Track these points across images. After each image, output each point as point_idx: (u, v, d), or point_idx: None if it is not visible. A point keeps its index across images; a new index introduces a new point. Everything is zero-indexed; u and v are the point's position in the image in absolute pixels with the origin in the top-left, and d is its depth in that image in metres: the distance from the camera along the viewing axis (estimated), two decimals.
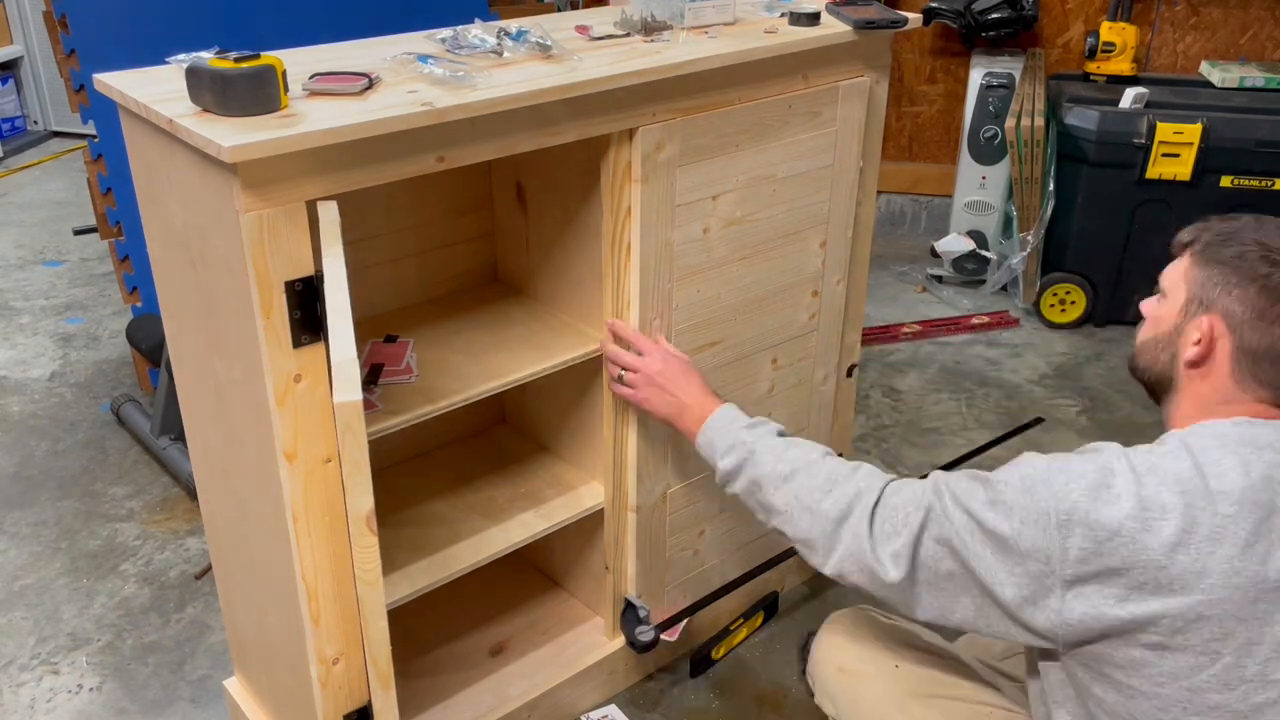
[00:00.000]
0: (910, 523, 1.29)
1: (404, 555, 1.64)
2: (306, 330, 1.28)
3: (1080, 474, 1.18)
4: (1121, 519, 1.14)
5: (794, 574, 2.19)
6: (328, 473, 1.36)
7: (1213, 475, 1.14)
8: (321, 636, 1.43)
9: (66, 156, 4.98)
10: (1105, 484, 1.16)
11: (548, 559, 2.05)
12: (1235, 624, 1.12)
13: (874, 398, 2.96)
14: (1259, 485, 1.14)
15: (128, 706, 1.94)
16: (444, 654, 1.89)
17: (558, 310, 1.80)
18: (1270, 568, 1.12)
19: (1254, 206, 3.07)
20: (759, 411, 1.91)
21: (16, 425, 2.82)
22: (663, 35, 1.62)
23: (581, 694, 1.89)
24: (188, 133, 1.19)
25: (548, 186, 1.73)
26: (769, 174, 1.72)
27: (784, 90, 1.69)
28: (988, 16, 3.61)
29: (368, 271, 1.75)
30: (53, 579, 2.26)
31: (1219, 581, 1.12)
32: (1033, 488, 1.19)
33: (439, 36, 1.54)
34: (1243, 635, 1.12)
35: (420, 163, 1.33)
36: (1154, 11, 3.65)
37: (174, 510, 2.47)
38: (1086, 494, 1.16)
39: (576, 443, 1.87)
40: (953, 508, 1.26)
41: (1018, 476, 1.22)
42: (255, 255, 1.21)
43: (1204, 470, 1.15)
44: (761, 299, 1.82)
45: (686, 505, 1.88)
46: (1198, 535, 1.12)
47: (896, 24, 1.73)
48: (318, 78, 1.31)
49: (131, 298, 2.82)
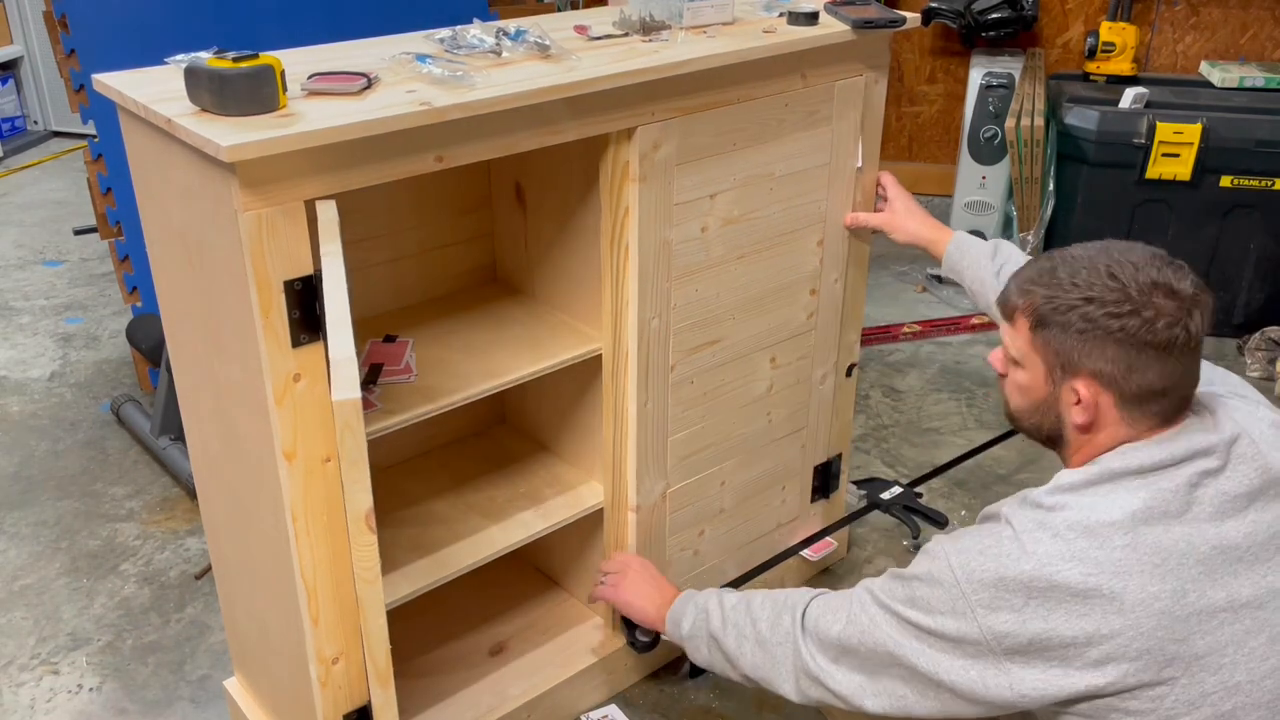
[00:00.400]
0: (838, 629, 1.32)
1: (403, 555, 1.64)
2: (305, 330, 1.28)
3: (979, 550, 1.20)
4: (1027, 582, 1.15)
5: (795, 575, 2.19)
6: (327, 472, 1.36)
7: (1101, 511, 1.16)
8: (321, 636, 1.43)
9: (66, 156, 4.98)
10: (1004, 552, 1.18)
11: (547, 559, 2.05)
12: (1175, 646, 1.13)
13: (874, 398, 2.96)
14: (1143, 513, 1.15)
15: (128, 706, 1.94)
16: (443, 654, 1.89)
17: (557, 310, 1.80)
18: (1183, 583, 1.13)
19: (1254, 206, 3.07)
20: (759, 411, 1.92)
21: (16, 425, 2.82)
22: (661, 35, 1.62)
23: (581, 694, 1.89)
24: (186, 132, 1.19)
25: (546, 186, 1.74)
26: (766, 173, 1.72)
27: (783, 90, 1.69)
28: (988, 16, 3.61)
29: (367, 271, 1.75)
30: (53, 579, 2.26)
31: (1141, 613, 1.12)
32: (939, 577, 1.21)
33: (438, 36, 1.54)
34: (1185, 654, 1.13)
35: (419, 162, 1.33)
36: (1154, 11, 3.65)
37: (174, 510, 2.47)
38: (990, 570, 1.17)
39: (576, 442, 1.87)
40: (878, 612, 1.28)
41: (924, 570, 1.24)
42: (254, 255, 1.21)
43: (1093, 509, 1.16)
44: (759, 298, 1.82)
45: (686, 505, 1.88)
46: (1103, 574, 1.13)
47: (895, 23, 1.73)
48: (316, 77, 1.31)
49: (131, 298, 2.82)
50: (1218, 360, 3.17)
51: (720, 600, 1.55)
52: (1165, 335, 1.16)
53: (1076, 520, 1.16)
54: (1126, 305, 1.17)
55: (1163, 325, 1.16)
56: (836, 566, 2.27)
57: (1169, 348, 1.16)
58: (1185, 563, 1.14)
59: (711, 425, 1.85)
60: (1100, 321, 1.18)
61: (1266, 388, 2.97)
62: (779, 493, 2.05)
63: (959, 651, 1.20)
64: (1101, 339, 1.18)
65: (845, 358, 2.05)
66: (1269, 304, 3.21)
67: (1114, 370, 1.19)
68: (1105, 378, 1.20)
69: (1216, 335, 3.26)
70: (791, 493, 2.08)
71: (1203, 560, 1.14)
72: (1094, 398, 1.21)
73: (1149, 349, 1.16)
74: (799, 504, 2.11)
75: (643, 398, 1.71)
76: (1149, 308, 1.16)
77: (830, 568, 2.26)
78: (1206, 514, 1.16)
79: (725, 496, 1.94)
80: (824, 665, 1.34)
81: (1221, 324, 3.25)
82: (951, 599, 1.19)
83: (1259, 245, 3.13)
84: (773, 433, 1.97)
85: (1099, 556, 1.13)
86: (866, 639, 1.28)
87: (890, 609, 1.26)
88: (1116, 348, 1.18)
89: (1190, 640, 1.12)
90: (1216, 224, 3.12)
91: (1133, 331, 1.16)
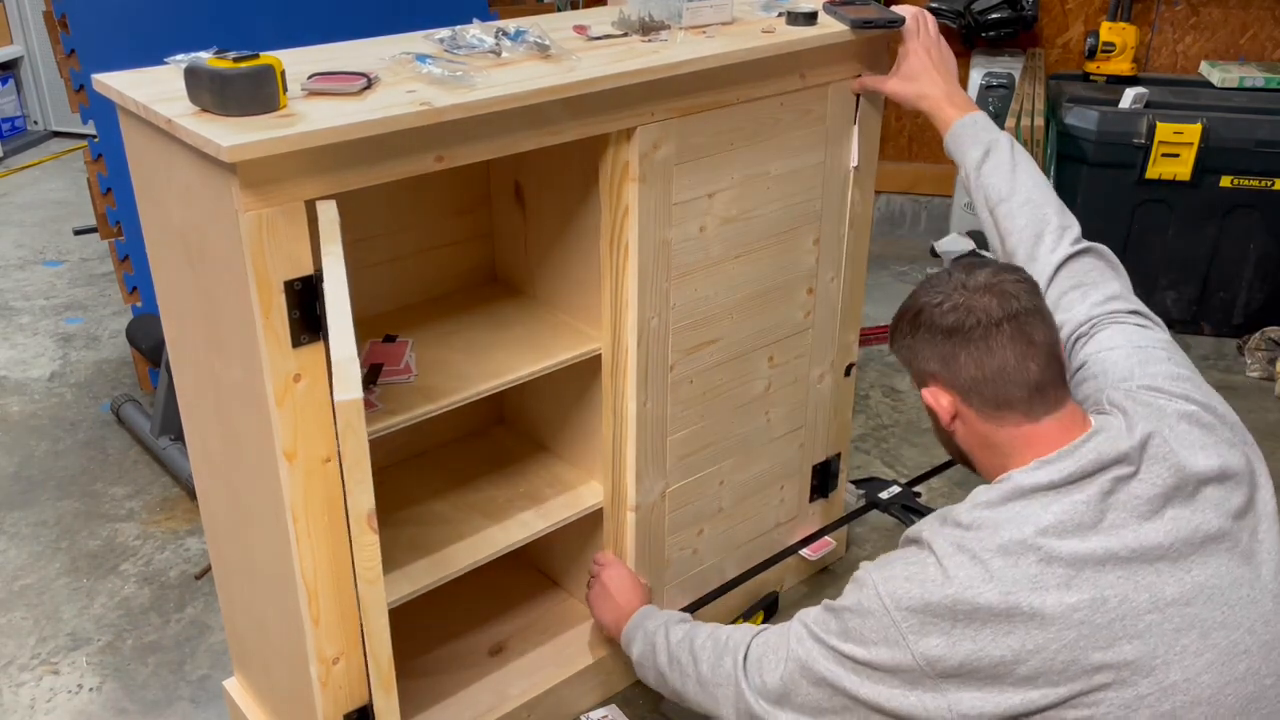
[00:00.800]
0: (779, 669, 1.33)
1: (403, 554, 1.64)
2: (306, 330, 1.28)
3: (905, 577, 1.21)
4: (951, 606, 1.16)
5: (793, 574, 2.19)
6: (327, 472, 1.36)
7: (1014, 528, 1.17)
8: (321, 636, 1.43)
9: (66, 156, 4.98)
10: (928, 578, 1.19)
11: (547, 559, 2.06)
12: (1101, 653, 1.13)
13: (874, 398, 2.96)
14: (1055, 528, 1.16)
15: (128, 706, 1.94)
16: (443, 654, 1.89)
17: (556, 309, 1.80)
18: (1101, 590, 1.14)
19: (1253, 206, 3.08)
20: (758, 410, 1.92)
21: (16, 425, 2.82)
22: (660, 35, 1.62)
23: (581, 694, 1.89)
24: (187, 132, 1.19)
25: (546, 186, 1.74)
26: (763, 172, 1.73)
27: (781, 90, 1.69)
28: (988, 16, 3.61)
29: (366, 271, 1.75)
30: (53, 579, 2.26)
31: (1061, 625, 1.13)
32: (869, 606, 1.23)
33: (437, 36, 1.55)
34: (1114, 659, 1.13)
35: (419, 162, 1.33)
36: (1154, 11, 3.65)
37: (174, 510, 2.47)
38: (915, 596, 1.19)
39: (575, 442, 1.87)
40: (814, 646, 1.29)
41: (855, 600, 1.26)
42: (254, 255, 1.21)
43: (1007, 527, 1.17)
44: (757, 296, 1.82)
45: (686, 504, 1.88)
46: (1020, 592, 1.14)
47: (894, 23, 1.73)
48: (316, 78, 1.31)
49: (131, 298, 2.82)
50: (1217, 360, 3.20)
51: (667, 634, 1.59)
52: (952, 320, 1.24)
53: (992, 540, 1.17)
54: (932, 299, 1.26)
55: (948, 309, 1.24)
56: (835, 566, 2.27)
57: (959, 331, 1.23)
58: (1102, 570, 1.14)
59: (710, 424, 1.85)
60: (911, 322, 1.29)
61: (1267, 388, 2.98)
62: (778, 492, 2.05)
63: (896, 679, 1.21)
64: (917, 340, 1.28)
65: (844, 357, 2.05)
66: (1269, 304, 3.21)
67: (938, 367, 1.26)
68: (940, 377, 1.27)
69: (1216, 335, 3.26)
70: (790, 492, 2.08)
71: (1122, 564, 1.15)
72: (940, 399, 1.28)
73: (947, 338, 1.24)
74: (797, 503, 2.11)
75: (642, 397, 1.71)
76: (943, 298, 1.25)
77: (829, 566, 2.27)
78: (1123, 519, 1.16)
79: (724, 496, 1.94)
80: (768, 708, 1.35)
81: (1221, 324, 3.26)
82: (883, 628, 1.21)
83: (1259, 245, 3.13)
84: (771, 432, 1.97)
85: (1015, 575, 1.15)
86: (806, 674, 1.30)
87: (826, 644, 1.28)
88: (926, 345, 1.27)
89: (1117, 645, 1.13)
90: (1216, 224, 3.12)
91: (933, 322, 1.25)
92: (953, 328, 1.24)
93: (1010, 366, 1.22)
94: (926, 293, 1.29)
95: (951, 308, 1.24)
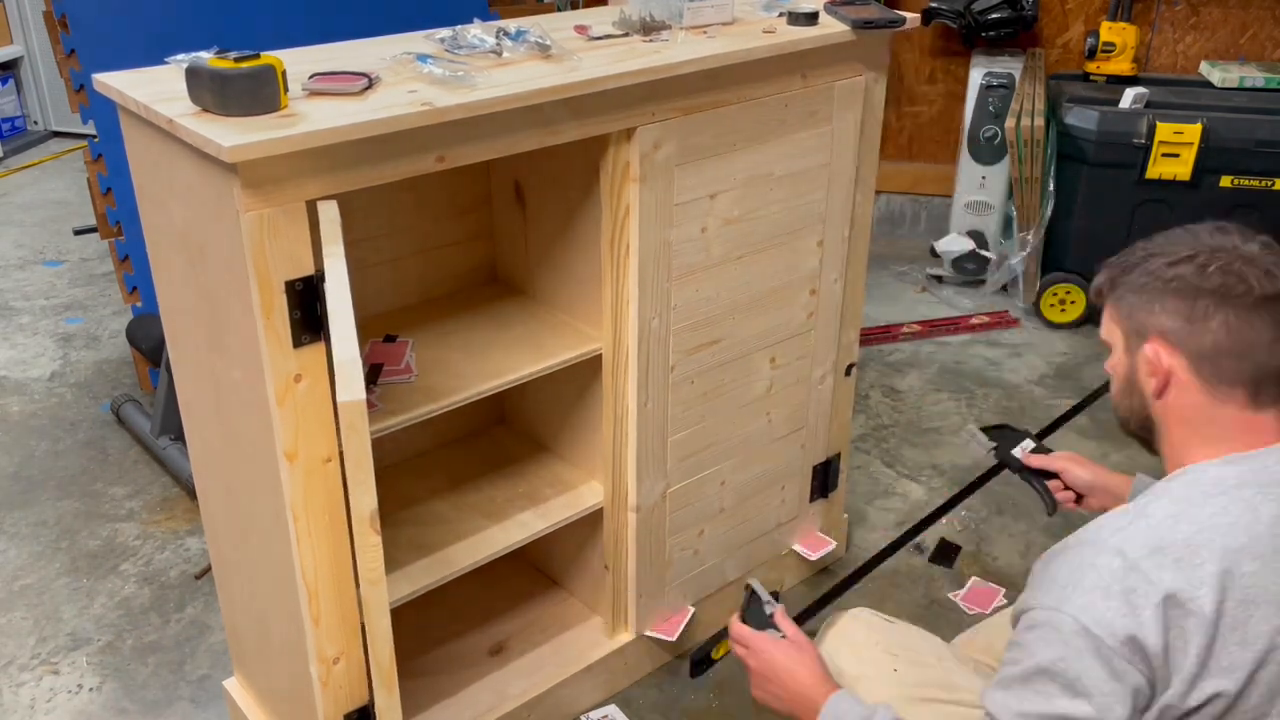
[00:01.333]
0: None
1: (404, 555, 1.64)
2: (307, 330, 1.28)
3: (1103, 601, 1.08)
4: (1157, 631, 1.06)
5: (794, 574, 2.19)
6: (328, 472, 1.36)
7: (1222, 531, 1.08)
8: (322, 636, 1.43)
9: (66, 156, 4.98)
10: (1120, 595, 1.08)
11: (547, 558, 2.06)
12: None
13: (874, 398, 2.96)
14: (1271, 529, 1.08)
15: (128, 706, 1.94)
16: (443, 653, 1.89)
17: (557, 310, 1.80)
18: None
19: (1254, 206, 3.07)
20: (759, 410, 1.92)
21: (16, 425, 2.82)
22: (661, 35, 1.62)
23: (581, 693, 1.89)
24: (188, 132, 1.19)
25: (547, 186, 1.74)
26: (766, 173, 1.73)
27: (782, 90, 1.69)
28: (988, 16, 3.60)
29: (367, 271, 1.75)
30: (53, 579, 2.26)
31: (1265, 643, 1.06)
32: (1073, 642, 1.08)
33: (438, 36, 1.55)
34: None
35: (420, 162, 1.33)
36: (1154, 11, 3.65)
37: (174, 510, 2.47)
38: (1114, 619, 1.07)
39: (576, 442, 1.87)
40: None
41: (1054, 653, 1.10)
42: (255, 255, 1.21)
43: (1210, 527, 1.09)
44: (759, 298, 1.82)
45: (686, 505, 1.88)
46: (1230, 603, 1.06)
47: (895, 24, 1.73)
48: (317, 78, 1.31)
49: (131, 298, 2.82)
50: None
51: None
52: (1218, 281, 1.12)
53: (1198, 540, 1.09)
54: (1184, 252, 1.15)
55: (1215, 270, 1.13)
56: (835, 566, 2.27)
57: (1225, 295, 1.12)
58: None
59: (711, 425, 1.85)
60: (1158, 272, 1.16)
61: None
62: (779, 492, 2.05)
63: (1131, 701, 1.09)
64: (1159, 294, 1.16)
65: (844, 357, 2.05)
66: None
67: (1175, 325, 1.15)
68: (1170, 336, 1.16)
69: None
70: (791, 492, 2.08)
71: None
72: (1164, 360, 1.17)
73: (1205, 296, 1.13)
74: (798, 504, 2.11)
75: (643, 398, 1.71)
76: (1206, 256, 1.14)
77: (828, 567, 2.27)
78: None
79: (725, 496, 1.94)
80: None
81: None
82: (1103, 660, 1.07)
83: None
84: (772, 432, 1.97)
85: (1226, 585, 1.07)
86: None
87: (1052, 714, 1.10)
88: (1175, 298, 1.15)
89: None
90: None
91: (1187, 277, 1.14)
92: (1217, 290, 1.13)
93: (1261, 345, 1.14)
94: (1178, 244, 1.17)
95: (1219, 269, 1.13)
